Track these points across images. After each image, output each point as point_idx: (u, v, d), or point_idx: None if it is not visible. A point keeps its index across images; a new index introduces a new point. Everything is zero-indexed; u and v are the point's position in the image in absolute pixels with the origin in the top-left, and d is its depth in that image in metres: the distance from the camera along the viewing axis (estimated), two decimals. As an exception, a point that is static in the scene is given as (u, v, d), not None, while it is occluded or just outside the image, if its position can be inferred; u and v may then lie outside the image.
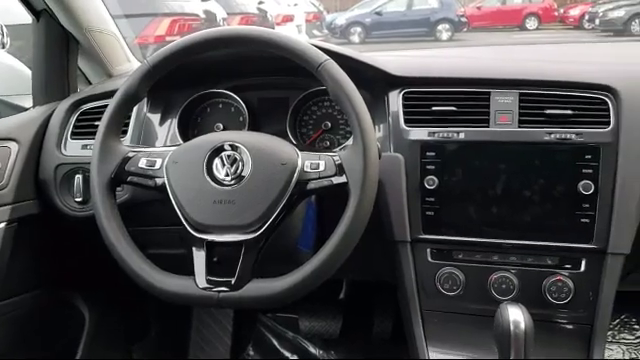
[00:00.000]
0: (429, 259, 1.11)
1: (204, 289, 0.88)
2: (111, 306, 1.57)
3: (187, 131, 1.26)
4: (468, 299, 1.09)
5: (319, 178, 0.91)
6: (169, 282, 0.91)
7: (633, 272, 1.21)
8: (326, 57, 0.92)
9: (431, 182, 1.07)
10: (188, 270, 0.90)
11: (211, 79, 1.25)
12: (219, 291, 0.88)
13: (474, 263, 1.09)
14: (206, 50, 0.97)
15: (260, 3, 9.64)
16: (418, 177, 1.08)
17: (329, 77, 0.90)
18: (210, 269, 0.89)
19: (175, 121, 1.24)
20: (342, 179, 0.89)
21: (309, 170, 0.91)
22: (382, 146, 1.08)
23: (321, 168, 0.91)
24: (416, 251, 1.11)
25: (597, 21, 13.20)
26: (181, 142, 1.17)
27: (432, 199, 1.08)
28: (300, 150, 0.94)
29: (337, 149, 1.07)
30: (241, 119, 1.25)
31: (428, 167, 1.07)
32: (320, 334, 1.80)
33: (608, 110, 1.04)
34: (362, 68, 1.11)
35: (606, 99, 1.04)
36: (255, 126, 1.23)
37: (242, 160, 0.92)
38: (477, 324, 1.08)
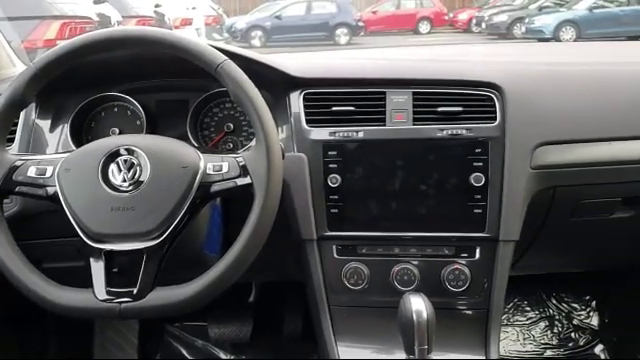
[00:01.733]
0: (335, 255, 1.12)
1: (104, 301, 0.84)
2: (5, 323, 1.46)
3: (80, 137, 1.20)
4: (373, 292, 1.12)
5: (222, 180, 0.89)
6: (66, 296, 0.86)
7: (522, 258, 1.30)
8: (224, 57, 0.91)
9: (334, 180, 1.09)
10: (88, 283, 0.86)
11: (106, 82, 1.20)
12: (121, 302, 0.84)
13: (377, 257, 1.12)
14: (97, 52, 0.93)
15: (157, 6, 9.37)
16: (321, 176, 1.09)
17: (228, 78, 0.89)
18: (110, 280, 0.85)
19: (67, 126, 1.17)
20: (246, 180, 0.89)
21: (212, 172, 0.90)
22: (285, 146, 1.08)
23: (224, 170, 0.90)
24: (322, 248, 1.12)
25: (484, 25, 14.06)
26: (74, 148, 1.11)
27: (336, 197, 1.10)
28: (202, 152, 0.92)
29: (241, 151, 1.06)
30: (138, 123, 1.20)
31: (331, 166, 1.09)
32: (230, 339, 1.78)
33: (494, 106, 1.10)
34: (262, 69, 1.11)
35: (492, 96, 1.11)
36: (154, 130, 1.20)
37: (140, 164, 0.88)
38: (383, 316, 1.10)
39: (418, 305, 0.94)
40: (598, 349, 1.84)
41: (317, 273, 1.12)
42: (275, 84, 1.14)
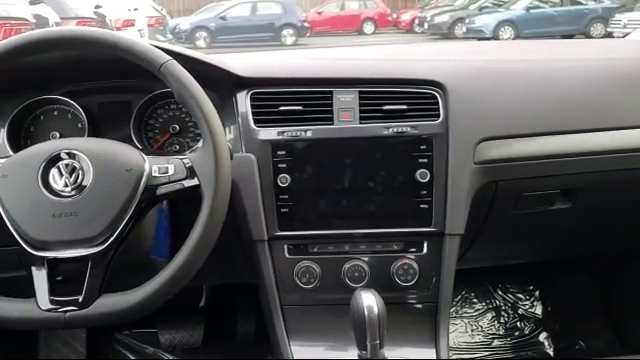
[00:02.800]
0: (286, 255, 1.12)
1: (48, 311, 0.82)
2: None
3: (18, 142, 1.15)
4: (325, 290, 1.12)
5: (169, 182, 0.88)
6: (7, 307, 0.83)
7: (468, 251, 1.34)
8: (168, 57, 0.89)
9: (284, 180, 1.09)
10: (31, 293, 0.83)
11: (45, 85, 1.16)
12: (66, 311, 0.82)
13: (328, 255, 1.12)
14: (32, 53, 0.90)
15: (97, 7, 9.13)
16: (271, 176, 1.09)
17: (172, 78, 0.88)
18: (54, 289, 0.83)
19: (4, 131, 1.13)
20: (194, 182, 0.88)
21: (158, 175, 0.88)
22: (234, 147, 1.07)
23: (170, 172, 0.88)
24: (274, 248, 1.12)
25: (426, 25, 14.36)
26: (11, 154, 1.07)
27: (286, 196, 1.10)
28: (147, 155, 0.90)
29: (187, 152, 1.04)
30: (80, 126, 1.17)
31: (280, 166, 1.09)
32: (182, 345, 1.75)
33: (438, 104, 1.12)
34: (207, 69, 1.10)
35: (435, 94, 1.13)
36: (96, 133, 1.16)
37: (82, 168, 0.86)
38: (335, 313, 1.11)
39: (369, 301, 0.95)
40: (542, 337, 1.91)
41: (269, 273, 1.12)
42: (221, 84, 1.13)
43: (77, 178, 0.85)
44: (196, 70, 0.92)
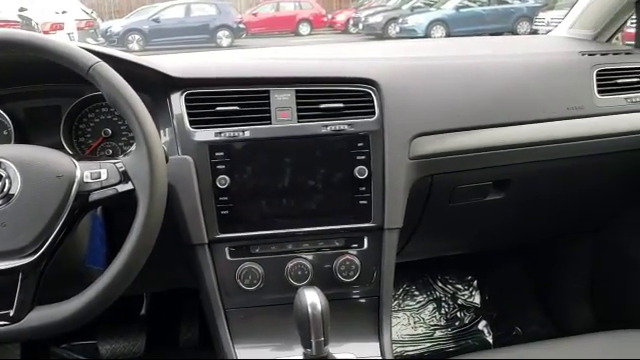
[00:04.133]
0: (228, 257, 1.11)
1: None
2: None
3: None
4: (268, 291, 1.12)
5: (102, 188, 0.85)
6: None
7: (408, 244, 1.37)
8: (97, 59, 0.87)
9: (223, 181, 1.07)
10: None
11: None
12: None
13: (271, 255, 1.12)
14: None
15: (22, 10, 8.74)
16: (209, 178, 1.07)
17: (102, 80, 0.85)
18: None
19: None
20: (128, 186, 0.86)
21: (90, 180, 0.85)
22: (169, 149, 1.05)
23: (103, 177, 0.86)
24: (214, 252, 1.10)
25: (360, 25, 14.54)
26: None
27: (225, 198, 1.08)
28: (78, 160, 0.88)
29: (121, 156, 1.02)
30: (5, 133, 1.12)
31: (218, 167, 1.08)
32: (124, 355, 1.70)
33: (373, 101, 1.14)
34: (139, 71, 1.07)
35: (370, 91, 1.15)
36: (24, 140, 1.12)
37: (9, 177, 0.82)
38: (279, 313, 1.11)
39: (312, 299, 0.95)
40: (481, 325, 1.98)
41: (210, 277, 1.10)
42: (154, 86, 1.10)
43: (4, 187, 0.82)
44: (127, 72, 0.90)
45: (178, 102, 1.10)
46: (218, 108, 1.10)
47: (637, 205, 1.56)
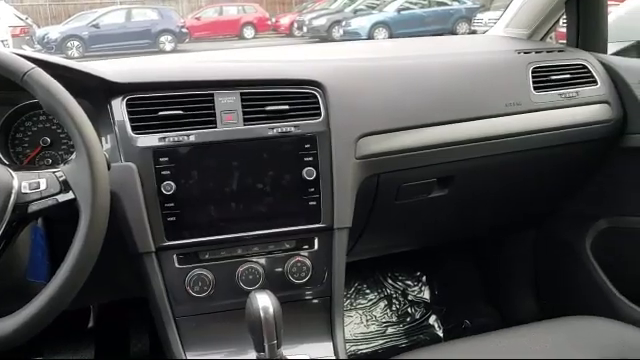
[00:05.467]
0: (176, 265, 1.09)
1: None
2: None
3: None
4: (219, 297, 1.10)
5: (42, 198, 0.83)
6: None
7: (357, 243, 1.38)
8: (32, 65, 0.84)
9: (168, 187, 1.05)
10: None
11: None
12: None
13: (221, 260, 1.11)
14: None
15: (-50, 17, 8.33)
16: (154, 184, 1.05)
17: (37, 87, 0.82)
18: None
19: None
20: (69, 196, 0.83)
21: (28, 191, 0.82)
22: (112, 157, 1.03)
23: (42, 187, 0.83)
24: (162, 259, 1.08)
25: (305, 28, 14.59)
26: None
27: (172, 204, 1.06)
28: (15, 171, 0.84)
29: (61, 165, 0.98)
30: None
31: (163, 173, 1.06)
32: None
33: (318, 103, 1.15)
34: (77, 76, 1.04)
35: (315, 93, 1.15)
36: None
37: None
38: (232, 318, 1.10)
39: (264, 302, 0.94)
40: (432, 319, 2.01)
41: (158, 286, 1.08)
42: (94, 92, 1.07)
43: None
44: (64, 78, 0.87)
45: (119, 108, 1.07)
46: (161, 113, 1.07)
47: (575, 197, 1.63)
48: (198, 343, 1.10)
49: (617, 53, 1.62)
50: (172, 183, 1.05)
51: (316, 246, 1.15)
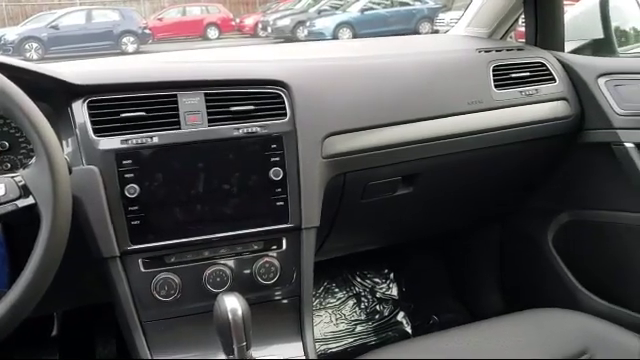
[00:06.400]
0: (142, 269, 1.07)
1: None
2: None
3: None
4: (187, 300, 1.09)
5: (0, 204, 0.80)
6: None
7: (325, 242, 1.39)
8: None
9: (132, 190, 1.04)
10: None
11: None
12: None
13: (187, 263, 1.10)
14: None
15: None
16: (118, 187, 1.03)
17: None
18: None
19: None
20: (29, 201, 0.81)
21: None
22: (73, 160, 1.01)
23: (1, 192, 0.80)
24: (127, 264, 1.06)
25: (269, 29, 14.56)
26: None
27: (136, 207, 1.05)
28: None
29: (20, 169, 0.96)
30: None
31: (127, 176, 1.04)
32: None
33: (284, 103, 1.15)
34: (36, 79, 1.01)
35: (281, 93, 1.15)
36: None
37: None
38: (200, 322, 1.09)
39: (232, 304, 0.94)
40: (400, 316, 2.03)
41: (124, 291, 1.06)
42: (53, 94, 1.05)
43: None
44: (22, 80, 0.85)
45: (80, 110, 1.05)
46: (123, 115, 1.06)
47: (538, 192, 1.66)
48: (166, 348, 1.09)
49: (574, 51, 1.66)
50: (136, 186, 1.04)
51: (284, 246, 1.14)
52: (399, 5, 13.94)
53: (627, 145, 1.35)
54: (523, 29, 1.66)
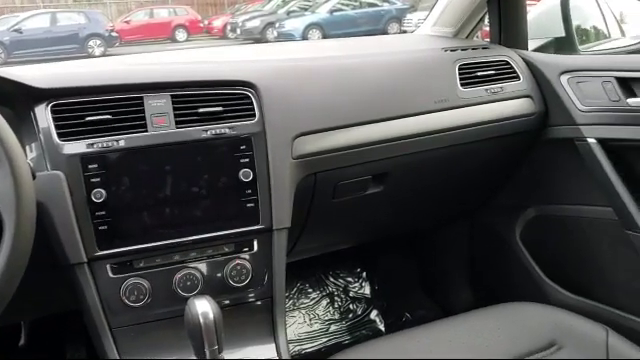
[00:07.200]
0: (110, 275, 1.06)
1: None
2: None
3: None
4: (157, 305, 1.08)
5: None
6: None
7: (297, 243, 1.39)
8: None
9: (99, 195, 1.02)
10: None
11: None
12: None
13: (157, 268, 1.08)
14: None
15: None
16: (84, 192, 1.02)
17: None
18: None
19: None
20: None
21: None
22: (37, 165, 0.99)
23: None
24: (95, 270, 1.04)
25: (238, 30, 14.51)
26: None
27: (103, 212, 1.03)
28: None
29: None
30: None
31: (93, 180, 1.02)
32: None
33: (252, 104, 1.14)
34: None
35: (249, 94, 1.15)
36: None
37: None
38: (171, 327, 1.08)
39: (203, 308, 0.93)
40: (373, 314, 2.04)
41: (92, 297, 1.04)
42: (15, 98, 1.02)
43: None
44: None
45: (44, 114, 1.03)
46: (89, 118, 1.04)
47: (505, 188, 1.69)
48: (136, 353, 1.08)
49: (537, 49, 1.69)
50: (102, 190, 1.02)
51: (255, 248, 1.14)
52: (368, 6, 14.04)
53: (589, 141, 1.38)
54: (489, 28, 1.69)
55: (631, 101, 1.31)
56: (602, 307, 1.47)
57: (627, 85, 1.34)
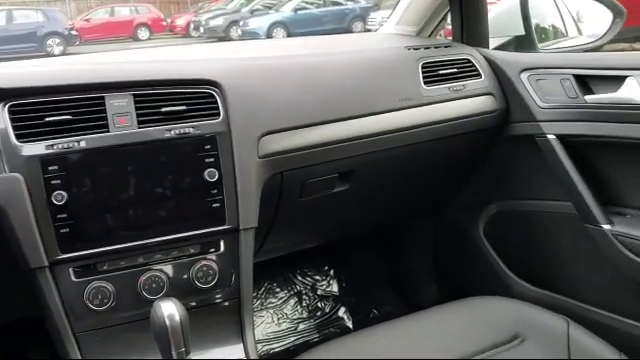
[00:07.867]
0: (73, 279, 1.03)
1: None
2: None
3: None
4: (122, 308, 1.06)
5: None
6: None
7: (265, 243, 1.38)
8: None
9: (59, 197, 1.00)
10: None
11: None
12: None
13: (121, 270, 1.06)
14: None
15: None
16: (44, 195, 0.99)
17: None
18: None
19: None
20: None
21: None
22: None
23: None
24: (57, 274, 1.02)
25: (202, 29, 14.38)
26: None
27: (64, 215, 1.01)
28: None
29: None
30: None
31: (53, 182, 1.00)
32: None
33: (217, 102, 1.13)
34: None
35: (213, 92, 1.14)
36: None
37: None
38: (137, 330, 1.06)
39: (169, 310, 0.92)
40: (341, 312, 2.05)
41: (54, 302, 1.02)
42: None
43: None
44: None
45: (0, 115, 1.00)
46: (48, 119, 1.02)
47: (468, 184, 1.72)
48: (102, 358, 1.06)
49: (498, 48, 1.72)
50: (63, 192, 1.00)
51: (222, 249, 1.13)
52: (332, 4, 14.08)
53: (549, 137, 1.42)
54: (451, 27, 1.71)
55: (588, 98, 1.35)
56: (563, 299, 1.50)
57: (584, 82, 1.37)
